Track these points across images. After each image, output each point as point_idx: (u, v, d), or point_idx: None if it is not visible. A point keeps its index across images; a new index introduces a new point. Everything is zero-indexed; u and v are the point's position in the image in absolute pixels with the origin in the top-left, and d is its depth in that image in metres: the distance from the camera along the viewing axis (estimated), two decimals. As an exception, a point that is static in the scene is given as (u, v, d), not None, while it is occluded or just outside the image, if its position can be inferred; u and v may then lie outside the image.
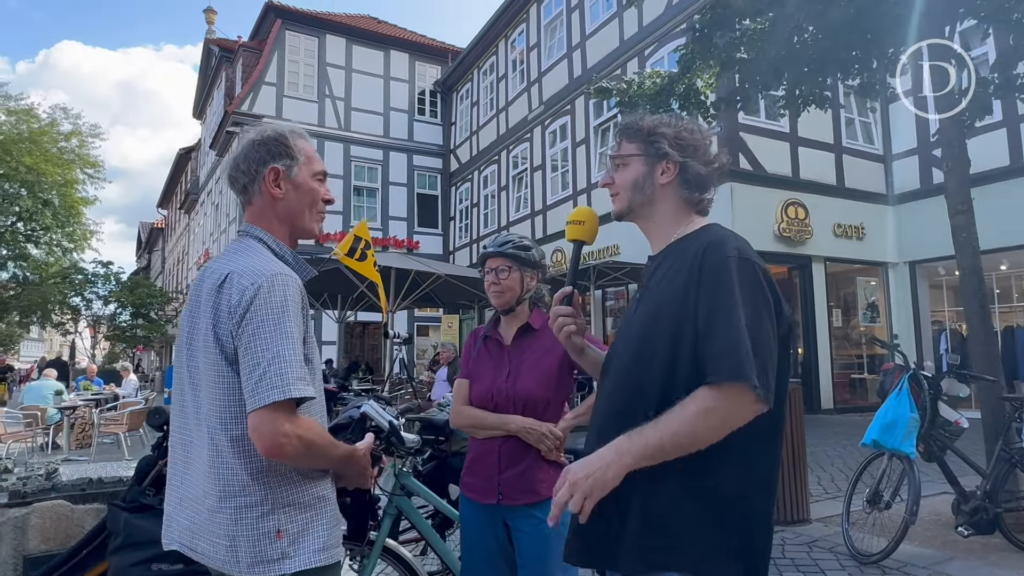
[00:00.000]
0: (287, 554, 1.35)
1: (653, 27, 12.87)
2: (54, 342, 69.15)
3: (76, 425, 10.27)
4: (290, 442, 1.31)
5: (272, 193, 1.52)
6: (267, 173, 1.51)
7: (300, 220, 1.56)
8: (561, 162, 15.87)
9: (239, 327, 1.35)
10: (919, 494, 4.00)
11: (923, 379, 4.21)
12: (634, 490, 1.26)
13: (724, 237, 1.36)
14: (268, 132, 1.55)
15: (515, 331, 2.27)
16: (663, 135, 1.45)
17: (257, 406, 1.30)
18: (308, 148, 1.57)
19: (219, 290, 1.39)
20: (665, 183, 1.46)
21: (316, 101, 19.55)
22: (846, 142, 12.65)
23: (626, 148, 1.50)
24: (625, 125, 1.53)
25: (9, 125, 32.15)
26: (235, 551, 1.34)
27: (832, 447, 8.18)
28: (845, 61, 5.79)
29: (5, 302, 36.68)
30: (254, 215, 1.55)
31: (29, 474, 2.52)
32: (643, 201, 1.48)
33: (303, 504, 1.40)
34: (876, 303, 13.02)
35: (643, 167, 1.47)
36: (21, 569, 2.23)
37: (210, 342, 1.39)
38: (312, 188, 1.55)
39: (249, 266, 1.40)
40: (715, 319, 1.25)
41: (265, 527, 1.35)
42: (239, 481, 1.36)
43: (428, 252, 19.71)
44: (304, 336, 1.42)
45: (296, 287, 1.41)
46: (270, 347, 1.32)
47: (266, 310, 1.34)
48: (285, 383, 1.30)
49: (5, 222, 34.93)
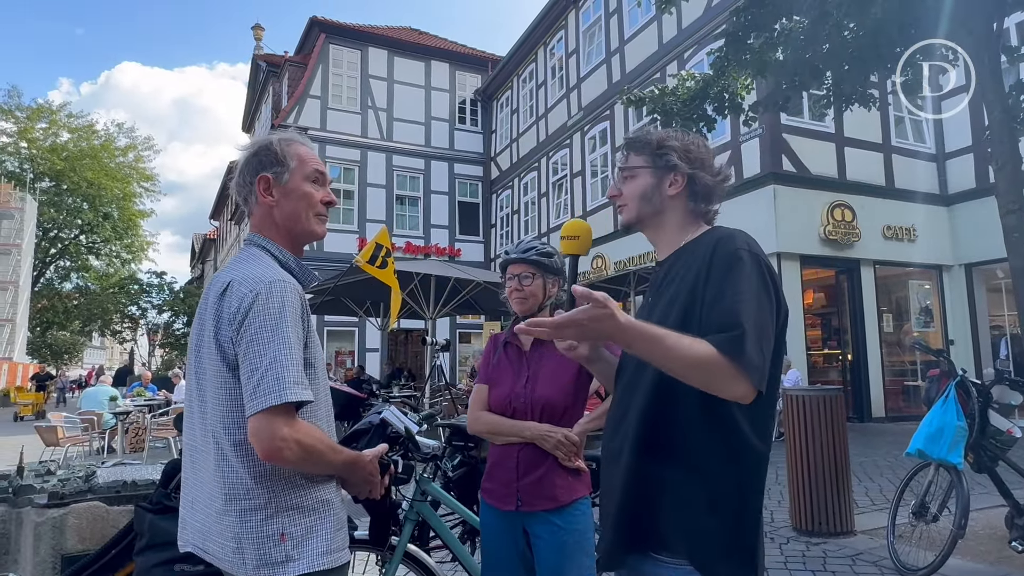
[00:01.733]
0: (291, 557, 1.37)
1: (692, 30, 12.73)
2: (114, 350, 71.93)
3: (130, 430, 10.64)
4: (288, 446, 1.32)
5: (265, 201, 1.55)
6: (258, 182, 1.54)
7: (297, 225, 1.57)
8: (601, 167, 15.80)
9: (238, 333, 1.38)
10: (968, 506, 3.82)
11: (971, 386, 4.03)
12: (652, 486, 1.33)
13: (732, 234, 1.40)
14: (259, 142, 1.57)
15: (535, 338, 2.26)
16: (671, 147, 1.48)
17: (255, 411, 1.32)
18: (302, 152, 1.58)
19: (221, 298, 1.43)
20: (673, 194, 1.49)
21: (359, 112, 19.93)
22: (895, 141, 12.25)
23: (634, 159, 1.53)
24: (633, 139, 1.56)
25: (72, 142, 33.83)
26: (241, 553, 1.37)
27: (882, 457, 7.90)
28: (887, 58, 5.62)
29: (68, 311, 38.47)
30: (256, 224, 1.58)
31: (68, 476, 2.62)
32: (651, 212, 1.52)
33: (307, 508, 1.41)
34: (930, 307, 12.54)
35: (651, 179, 1.50)
36: (59, 567, 2.32)
37: (212, 349, 1.42)
38: (305, 192, 1.56)
39: (249, 274, 1.43)
40: (723, 297, 1.28)
41: (269, 530, 1.37)
42: (243, 485, 1.39)
43: (469, 260, 19.84)
44: (306, 341, 1.44)
45: (294, 293, 1.43)
46: (267, 352, 1.34)
47: (264, 316, 1.36)
48: (282, 387, 1.32)
49: (69, 235, 36.69)
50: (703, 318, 1.29)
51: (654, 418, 1.36)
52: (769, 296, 1.32)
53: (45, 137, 33.23)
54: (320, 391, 1.50)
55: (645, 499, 1.35)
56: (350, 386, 11.73)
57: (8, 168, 32.70)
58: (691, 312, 1.32)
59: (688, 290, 1.35)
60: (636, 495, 1.37)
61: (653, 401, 1.36)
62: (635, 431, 1.38)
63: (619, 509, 1.39)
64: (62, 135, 33.61)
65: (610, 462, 1.46)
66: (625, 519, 1.38)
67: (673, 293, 1.40)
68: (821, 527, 4.67)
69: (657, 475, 1.34)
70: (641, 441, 1.36)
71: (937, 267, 12.30)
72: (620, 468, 1.40)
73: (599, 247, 15.28)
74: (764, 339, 1.25)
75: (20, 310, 29.91)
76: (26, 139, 32.63)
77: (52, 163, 32.16)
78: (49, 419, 10.51)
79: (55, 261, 37.34)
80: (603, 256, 15.11)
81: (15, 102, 32.47)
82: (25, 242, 29.37)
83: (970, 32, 4.92)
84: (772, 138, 10.91)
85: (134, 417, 10.71)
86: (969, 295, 12.03)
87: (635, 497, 1.37)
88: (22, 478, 2.58)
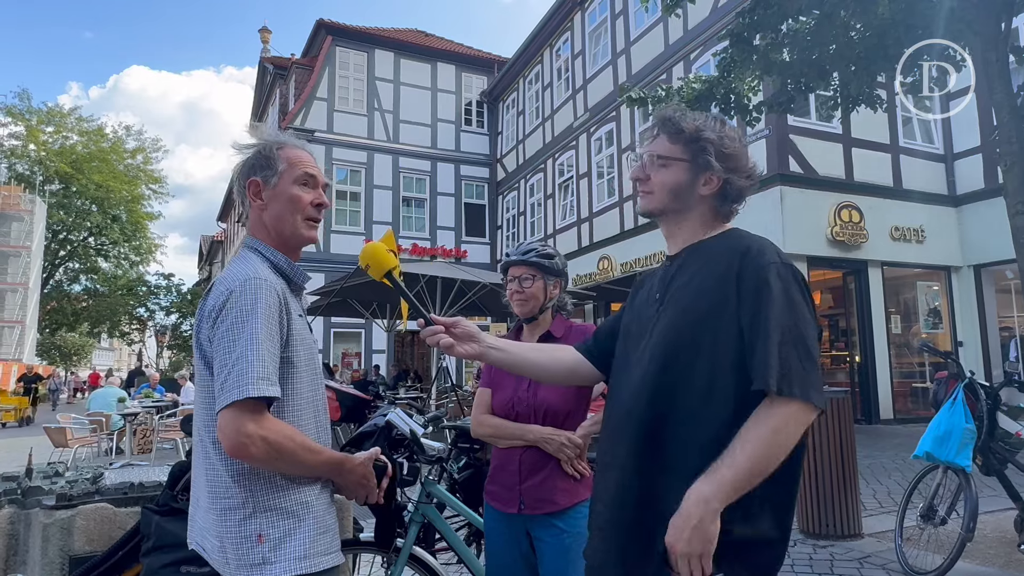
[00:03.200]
0: (268, 559, 1.35)
1: (698, 31, 12.71)
2: (122, 352, 72.28)
3: (138, 431, 10.69)
4: (253, 442, 1.30)
5: (255, 205, 1.55)
6: (248, 186, 1.55)
7: (285, 228, 1.55)
8: (607, 169, 15.79)
9: (212, 330, 1.39)
10: (976, 509, 3.80)
11: (980, 388, 4.00)
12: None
13: (763, 245, 1.34)
14: (252, 146, 1.58)
15: (537, 340, 2.26)
16: (709, 141, 1.40)
17: (220, 407, 1.32)
18: (293, 155, 1.57)
19: (204, 298, 1.45)
20: (706, 194, 1.43)
21: (366, 115, 19.98)
22: (903, 142, 12.18)
23: (668, 147, 1.44)
24: (667, 119, 1.46)
25: (81, 145, 34.06)
26: (224, 552, 1.37)
27: (890, 459, 7.85)
28: (894, 59, 5.60)
29: (77, 313, 38.70)
30: (250, 227, 1.59)
31: (76, 478, 2.63)
32: (679, 208, 1.45)
33: (285, 510, 1.39)
34: (939, 309, 12.46)
35: (686, 174, 1.42)
36: (67, 569, 2.33)
37: (196, 348, 1.44)
38: (293, 196, 1.54)
39: (230, 273, 1.44)
40: (770, 329, 1.23)
41: (247, 530, 1.36)
42: (222, 483, 1.39)
43: (476, 261, 19.84)
44: (287, 339, 1.43)
45: (270, 290, 1.41)
46: (235, 348, 1.34)
47: (235, 313, 1.36)
48: (245, 383, 1.30)
49: (78, 237, 36.95)
50: (749, 349, 1.25)
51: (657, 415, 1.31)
52: (812, 310, 1.29)
53: (54, 140, 33.48)
54: (304, 391, 1.47)
55: (654, 510, 1.28)
56: (356, 388, 11.75)
57: (18, 171, 32.94)
58: (722, 333, 1.28)
59: (714, 301, 1.30)
60: (643, 504, 1.30)
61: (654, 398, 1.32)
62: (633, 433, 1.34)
63: (628, 521, 1.32)
64: (71, 138, 33.87)
65: (607, 468, 1.41)
66: (631, 531, 1.31)
67: (695, 292, 1.34)
68: (828, 530, 4.65)
69: (664, 483, 1.28)
70: (642, 444, 1.32)
71: (945, 268, 12.23)
72: (623, 474, 1.35)
73: (605, 248, 15.26)
74: (814, 356, 1.23)
75: (30, 312, 30.10)
76: (35, 142, 32.88)
77: (61, 166, 32.39)
78: (60, 421, 10.56)
79: (64, 263, 37.60)
80: (609, 257, 15.09)
81: (25, 105, 32.77)
82: (35, 244, 29.57)
83: (977, 33, 4.89)
84: (779, 139, 10.87)
85: (142, 419, 10.77)
86: (978, 296, 11.95)
87: (643, 507, 1.30)
88: (31, 479, 2.59)
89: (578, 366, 1.65)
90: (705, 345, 1.28)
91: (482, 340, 1.59)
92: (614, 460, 1.38)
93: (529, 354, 1.67)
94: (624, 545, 1.33)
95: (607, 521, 1.38)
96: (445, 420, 4.98)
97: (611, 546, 1.35)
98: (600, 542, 1.39)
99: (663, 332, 1.36)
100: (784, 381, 1.19)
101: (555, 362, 1.66)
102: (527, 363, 1.64)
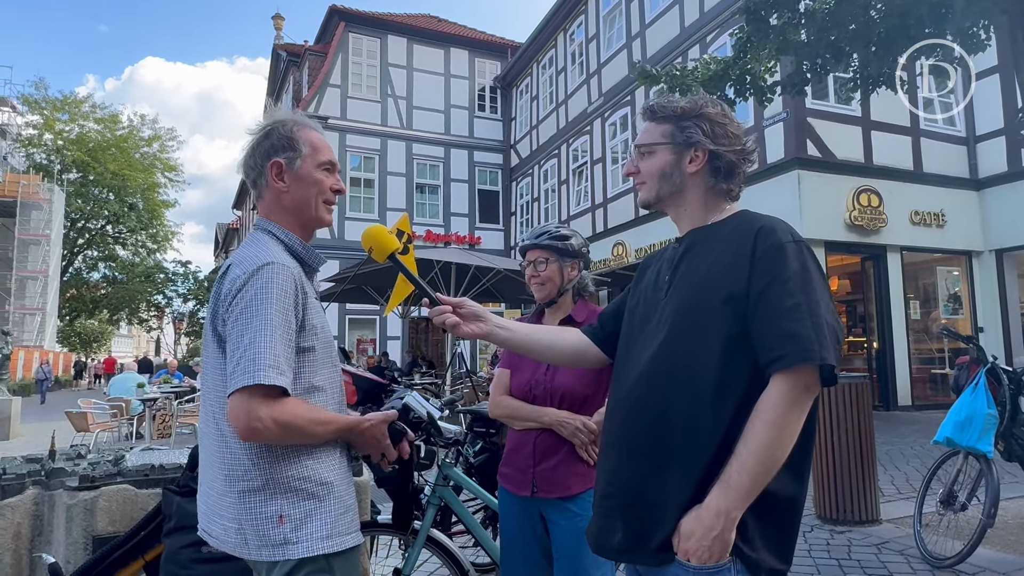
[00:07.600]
0: (290, 540, 1.36)
1: (714, 12, 12.53)
2: (140, 338, 73.21)
3: (157, 416, 10.83)
4: (264, 426, 1.31)
5: (276, 187, 1.53)
6: (270, 167, 1.52)
7: (307, 211, 1.55)
8: (622, 154, 15.67)
9: (227, 314, 1.39)
10: (998, 495, 3.76)
11: (1002, 373, 3.95)
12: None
13: (774, 223, 1.33)
14: (272, 125, 1.55)
15: (557, 323, 2.25)
16: (687, 115, 1.41)
17: (231, 390, 1.32)
18: (315, 138, 1.57)
19: (220, 280, 1.44)
20: (694, 171, 1.42)
21: (379, 101, 19.96)
22: (924, 124, 11.97)
23: (652, 134, 1.46)
24: (650, 107, 1.48)
25: (97, 133, 34.35)
26: (243, 534, 1.37)
27: (909, 445, 7.80)
28: (916, 39, 5.48)
29: (96, 300, 39.19)
30: (265, 208, 1.57)
31: (98, 460, 2.67)
32: (671, 190, 1.45)
33: (305, 491, 1.40)
34: (959, 294, 12.30)
35: (670, 155, 1.43)
36: (91, 548, 2.37)
37: (210, 330, 1.44)
38: (316, 179, 1.54)
39: (246, 256, 1.43)
40: (784, 306, 1.22)
41: (268, 512, 1.37)
42: (241, 466, 1.39)
43: (489, 248, 19.84)
44: (303, 324, 1.43)
45: (287, 275, 1.41)
46: (247, 333, 1.33)
47: (250, 298, 1.36)
48: (255, 369, 1.30)
49: (96, 225, 37.34)
50: (757, 325, 1.24)
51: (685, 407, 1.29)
52: (824, 283, 1.29)
53: (70, 129, 33.78)
54: (324, 376, 1.48)
55: (653, 492, 1.28)
56: (372, 373, 11.82)
57: (36, 160, 33.28)
58: (727, 303, 1.26)
59: (721, 280, 1.29)
60: (642, 486, 1.30)
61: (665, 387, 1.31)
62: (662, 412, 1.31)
63: (632, 503, 1.31)
64: (87, 126, 34.16)
65: (611, 448, 1.40)
66: (639, 514, 1.31)
67: (704, 276, 1.32)
68: (846, 515, 4.63)
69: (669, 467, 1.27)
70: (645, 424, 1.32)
71: (967, 253, 12.05)
72: (625, 455, 1.35)
73: (619, 234, 15.18)
74: (831, 325, 1.22)
75: (50, 299, 30.48)
76: (52, 131, 33.18)
77: (78, 155, 32.69)
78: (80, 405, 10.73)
79: (83, 251, 38.04)
80: (624, 243, 15.02)
81: (42, 94, 33.05)
82: (54, 232, 29.88)
83: (1005, 11, 4.77)
84: (796, 122, 10.72)
85: (161, 404, 10.90)
86: (1000, 281, 11.77)
87: (642, 489, 1.30)
88: (54, 461, 2.63)
89: (585, 348, 1.65)
90: (714, 329, 1.27)
91: (488, 320, 1.59)
92: (617, 441, 1.38)
93: (535, 334, 1.68)
94: (623, 524, 1.32)
95: (608, 499, 1.38)
96: (460, 405, 5.00)
97: (611, 524, 1.35)
98: (600, 520, 1.39)
99: (671, 316, 1.35)
100: (791, 345, 1.18)
101: (561, 342, 1.67)
102: (533, 343, 1.65)
